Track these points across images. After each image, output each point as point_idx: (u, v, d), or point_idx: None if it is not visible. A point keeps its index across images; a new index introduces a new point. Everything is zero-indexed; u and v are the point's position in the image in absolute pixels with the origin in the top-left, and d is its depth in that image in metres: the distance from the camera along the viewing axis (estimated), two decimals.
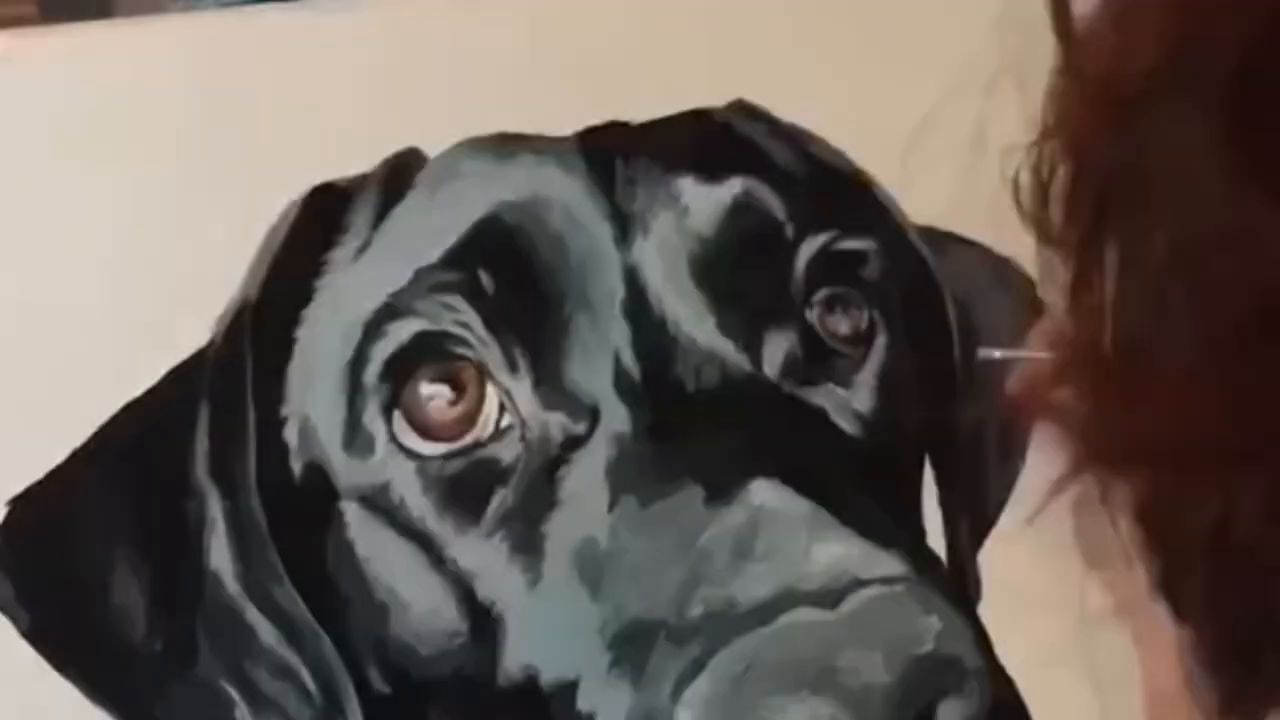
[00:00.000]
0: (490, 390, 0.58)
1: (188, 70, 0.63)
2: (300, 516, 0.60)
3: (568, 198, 0.60)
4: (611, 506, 0.55)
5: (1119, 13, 0.41)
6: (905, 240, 0.68)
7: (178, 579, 0.60)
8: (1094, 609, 0.68)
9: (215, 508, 0.60)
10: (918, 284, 0.67)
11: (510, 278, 0.58)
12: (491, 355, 0.57)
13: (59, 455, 0.60)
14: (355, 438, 0.58)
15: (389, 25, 0.65)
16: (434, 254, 0.59)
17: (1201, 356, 0.38)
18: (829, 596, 0.48)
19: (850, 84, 0.68)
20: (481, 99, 0.64)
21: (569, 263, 0.59)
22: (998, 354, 0.61)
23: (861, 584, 0.48)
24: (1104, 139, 0.41)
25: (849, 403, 0.60)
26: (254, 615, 0.60)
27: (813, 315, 0.61)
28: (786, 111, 0.66)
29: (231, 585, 0.60)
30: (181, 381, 0.61)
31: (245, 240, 0.62)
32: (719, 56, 0.67)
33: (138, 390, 0.61)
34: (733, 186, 0.61)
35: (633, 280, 0.59)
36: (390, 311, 0.58)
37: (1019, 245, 0.71)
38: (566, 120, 0.64)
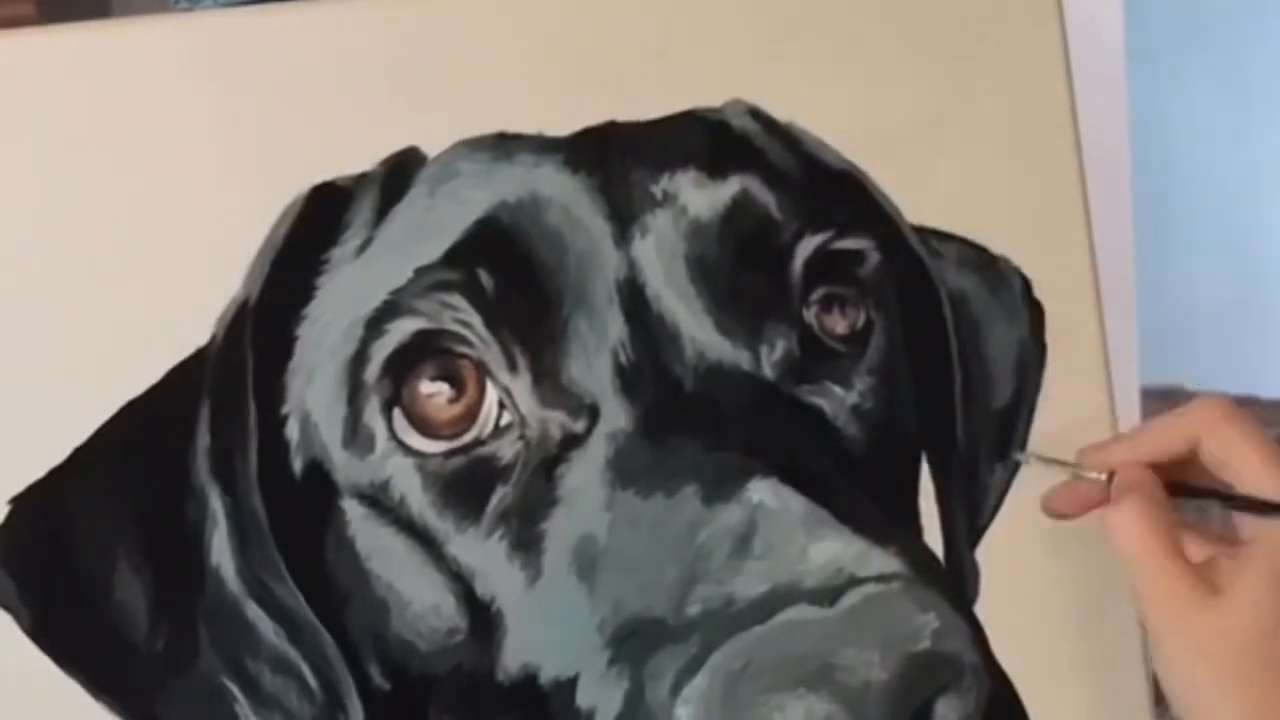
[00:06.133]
0: (490, 388, 0.58)
1: (187, 70, 0.64)
2: (301, 513, 0.60)
3: (566, 197, 0.60)
4: (610, 504, 0.55)
5: None
6: (902, 239, 0.68)
7: (179, 576, 0.60)
8: (1089, 604, 0.68)
9: (216, 505, 0.60)
10: (915, 283, 0.67)
11: (510, 277, 0.58)
12: (491, 353, 0.58)
13: (60, 454, 0.61)
14: (356, 435, 0.59)
15: (389, 25, 0.65)
16: (434, 253, 0.59)
17: None
18: (826, 594, 0.48)
19: (850, 84, 0.68)
20: (481, 99, 0.64)
21: (568, 262, 0.59)
22: (1031, 459, 0.63)
23: (858, 581, 0.48)
24: None
25: (846, 401, 0.61)
26: (255, 612, 0.60)
27: (810, 314, 0.61)
28: (785, 111, 0.67)
29: (233, 582, 0.60)
30: (182, 380, 0.61)
31: (246, 238, 0.62)
32: (719, 56, 0.67)
33: (139, 389, 0.61)
34: (730, 186, 0.61)
35: (631, 279, 0.59)
36: (391, 310, 0.59)
37: (1016, 245, 0.71)
38: (566, 120, 0.64)
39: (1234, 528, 0.58)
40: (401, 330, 0.58)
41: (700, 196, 0.61)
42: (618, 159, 0.62)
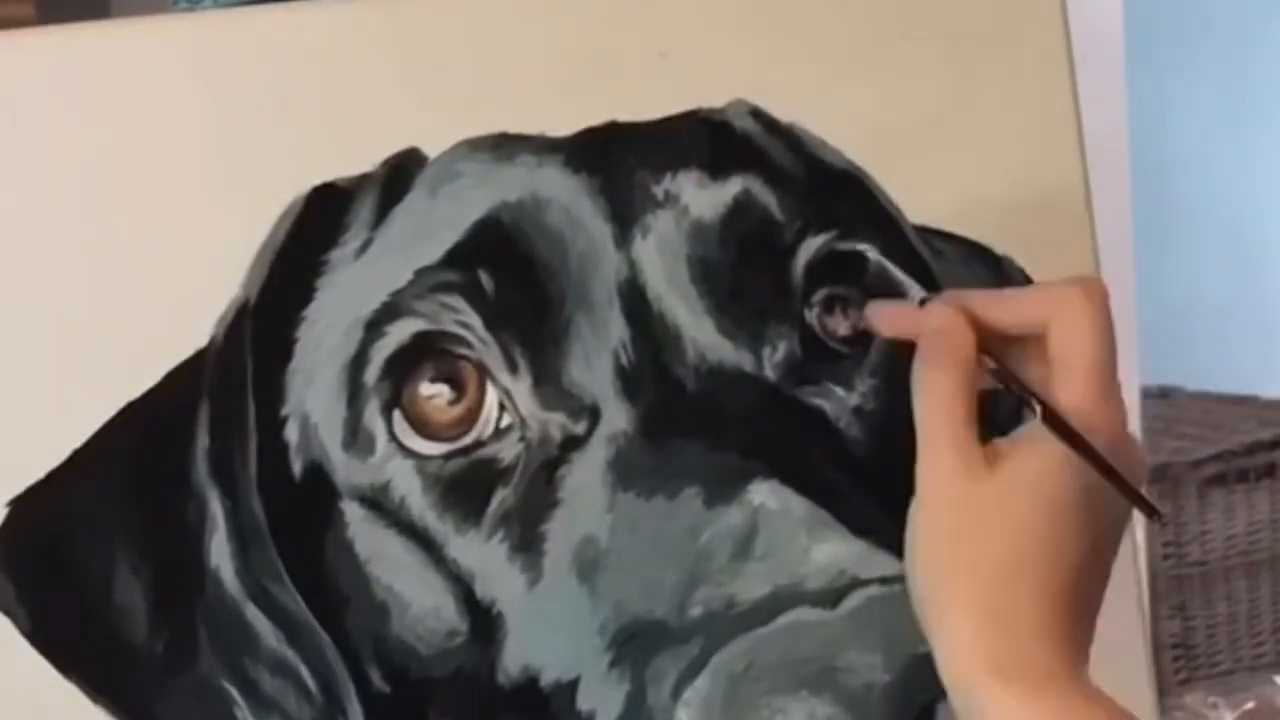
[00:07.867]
0: (490, 390, 0.58)
1: (187, 70, 0.63)
2: (300, 515, 0.60)
3: (567, 198, 0.60)
4: (611, 506, 0.55)
5: None
6: (904, 240, 0.68)
7: (178, 578, 0.60)
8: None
9: (215, 507, 0.60)
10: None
11: (510, 278, 0.58)
12: (491, 355, 0.57)
13: (59, 456, 0.60)
14: (355, 437, 0.59)
15: (389, 25, 0.65)
16: (434, 254, 0.59)
17: None
18: (828, 596, 0.48)
19: (852, 85, 0.68)
20: (481, 99, 0.64)
21: (569, 263, 0.59)
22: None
23: (860, 583, 0.48)
24: None
25: (848, 402, 0.60)
26: (254, 614, 0.60)
27: (812, 315, 0.61)
28: (787, 112, 0.66)
29: (232, 584, 0.60)
30: (182, 381, 0.61)
31: (245, 240, 0.62)
32: (721, 57, 0.67)
33: (138, 391, 0.61)
34: (732, 186, 0.61)
35: (632, 280, 0.59)
36: (391, 311, 0.58)
37: (1018, 245, 0.71)
38: (567, 121, 0.64)
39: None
40: (401, 332, 0.58)
41: (702, 197, 0.60)
42: (619, 159, 0.61)
